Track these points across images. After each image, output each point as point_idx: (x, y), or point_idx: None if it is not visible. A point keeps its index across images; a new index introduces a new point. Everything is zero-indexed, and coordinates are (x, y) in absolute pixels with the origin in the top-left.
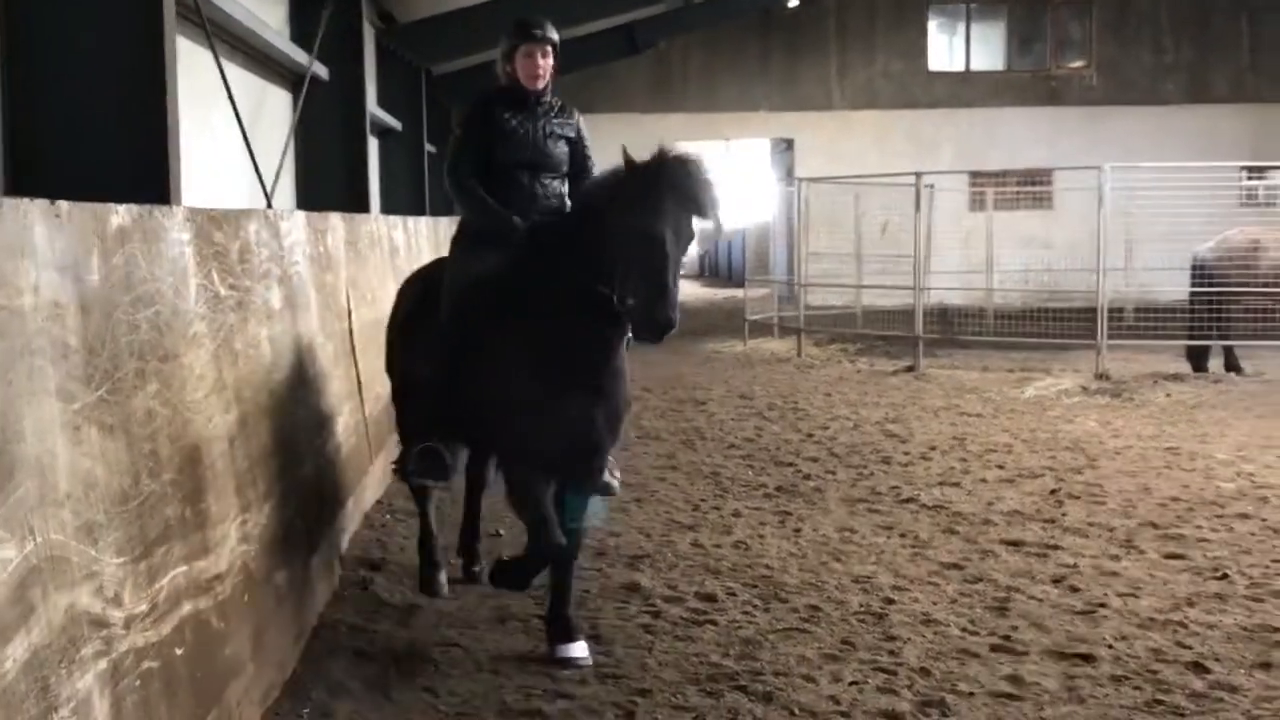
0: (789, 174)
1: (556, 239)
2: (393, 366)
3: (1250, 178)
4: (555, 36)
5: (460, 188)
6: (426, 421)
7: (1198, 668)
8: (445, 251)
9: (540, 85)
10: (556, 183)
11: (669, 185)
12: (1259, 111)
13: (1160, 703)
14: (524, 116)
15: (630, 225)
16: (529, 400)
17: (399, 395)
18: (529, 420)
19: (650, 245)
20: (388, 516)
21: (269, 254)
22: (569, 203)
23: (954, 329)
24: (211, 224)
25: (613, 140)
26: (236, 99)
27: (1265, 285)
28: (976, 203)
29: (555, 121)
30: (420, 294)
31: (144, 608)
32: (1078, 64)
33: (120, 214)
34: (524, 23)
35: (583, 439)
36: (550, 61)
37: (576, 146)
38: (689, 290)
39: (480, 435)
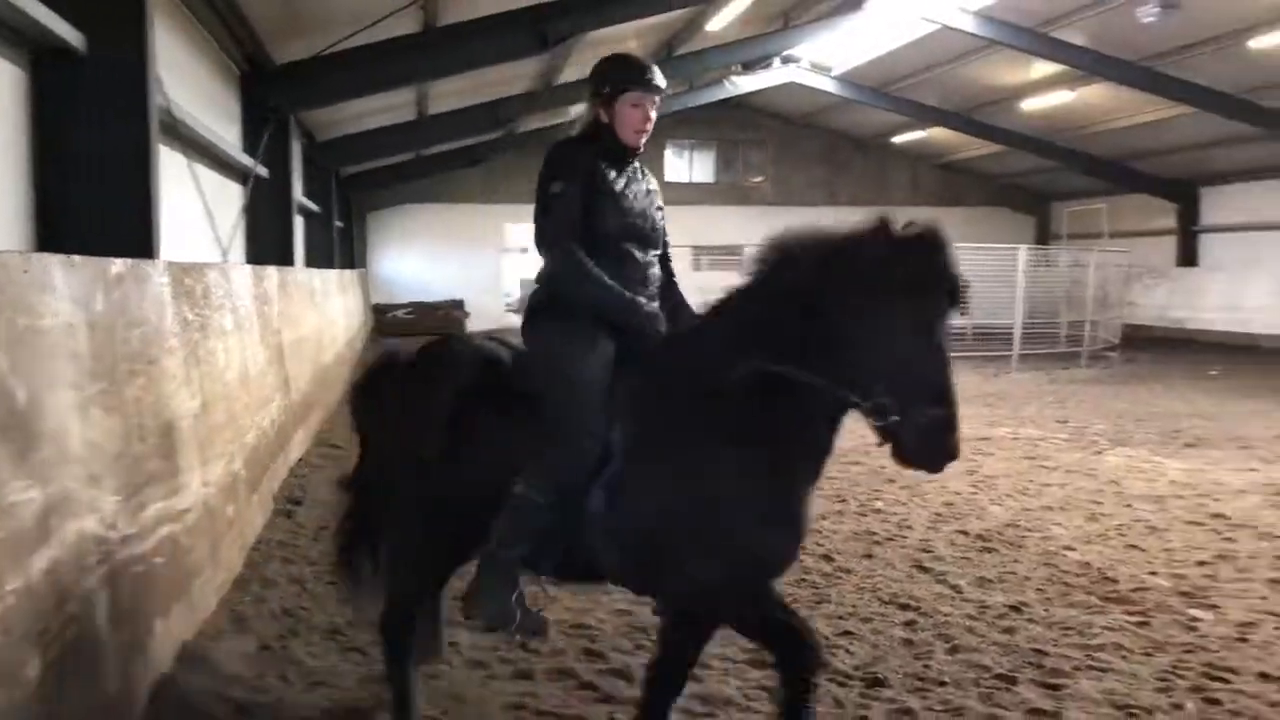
0: None
1: (753, 320)
2: (422, 485)
3: None
4: (665, 84)
5: (576, 264)
6: (518, 549)
7: (827, 559)
8: (347, 293)
9: (643, 142)
10: (658, 262)
11: (950, 272)
12: (856, 212)
13: (804, 580)
14: (628, 177)
15: (910, 320)
16: (752, 522)
17: (446, 518)
18: (750, 544)
19: (935, 349)
20: (305, 470)
21: (223, 292)
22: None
23: None
24: (183, 272)
25: (464, 224)
26: (203, 188)
27: None
28: (697, 266)
29: (650, 186)
30: (462, 395)
31: (133, 531)
32: (759, 179)
33: (118, 264)
34: (639, 64)
35: (790, 556)
36: (655, 115)
37: (662, 216)
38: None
39: (631, 563)
